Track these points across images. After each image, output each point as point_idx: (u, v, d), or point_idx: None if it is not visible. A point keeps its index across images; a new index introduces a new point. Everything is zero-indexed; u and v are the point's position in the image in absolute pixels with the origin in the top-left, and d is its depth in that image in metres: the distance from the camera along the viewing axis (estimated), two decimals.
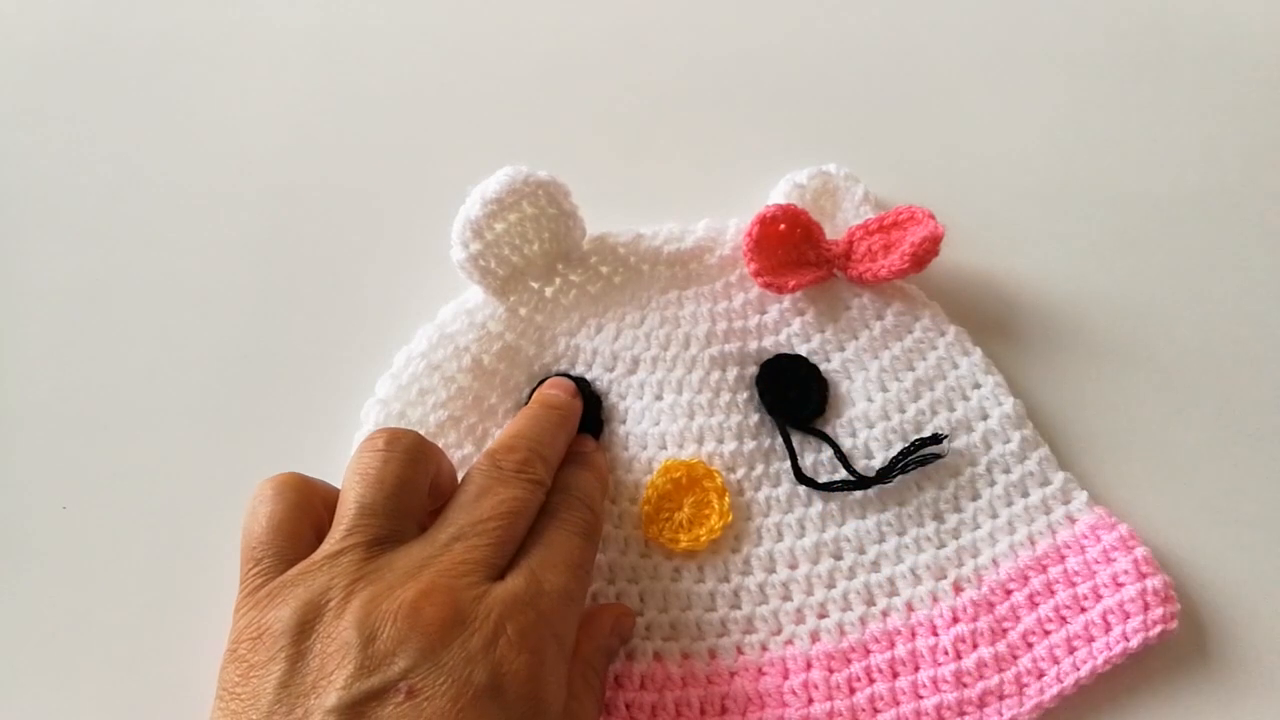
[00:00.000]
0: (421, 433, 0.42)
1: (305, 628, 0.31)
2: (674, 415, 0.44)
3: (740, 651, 0.41)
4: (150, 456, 0.46)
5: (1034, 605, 0.41)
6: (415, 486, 0.36)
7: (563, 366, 0.45)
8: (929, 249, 0.44)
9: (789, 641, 0.42)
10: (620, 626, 0.40)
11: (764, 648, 0.42)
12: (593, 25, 0.54)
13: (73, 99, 0.53)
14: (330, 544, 0.34)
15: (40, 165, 0.52)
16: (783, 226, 0.45)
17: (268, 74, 0.53)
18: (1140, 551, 0.41)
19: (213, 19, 0.55)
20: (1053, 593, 0.41)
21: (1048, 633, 0.41)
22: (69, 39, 0.54)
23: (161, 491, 0.45)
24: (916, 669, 0.41)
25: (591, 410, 0.44)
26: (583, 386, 0.44)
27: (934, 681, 0.40)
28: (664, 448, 0.44)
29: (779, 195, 0.47)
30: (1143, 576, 0.41)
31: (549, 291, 0.46)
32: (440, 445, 0.42)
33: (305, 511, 0.35)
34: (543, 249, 0.45)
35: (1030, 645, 0.41)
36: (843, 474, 0.43)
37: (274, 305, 0.49)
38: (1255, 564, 0.43)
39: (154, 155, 0.52)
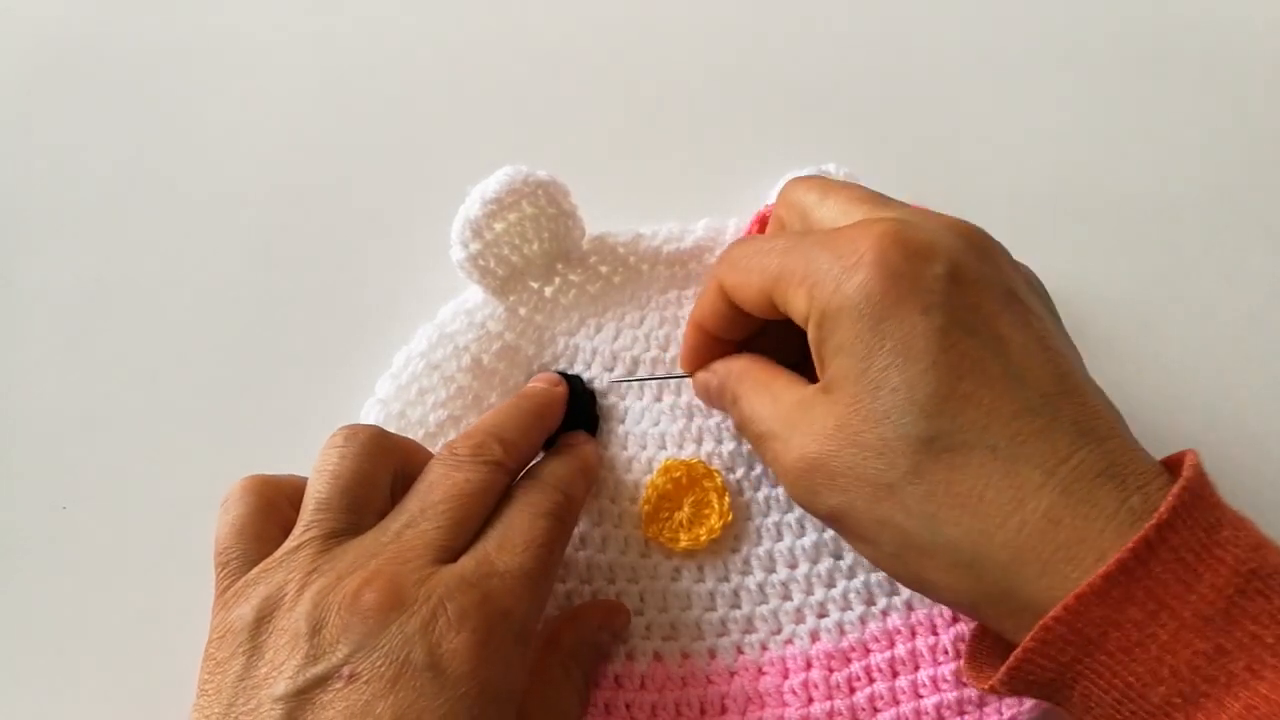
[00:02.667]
0: (421, 433, 0.42)
1: (262, 622, 0.32)
2: (674, 415, 0.44)
3: (740, 651, 0.42)
4: (150, 456, 0.46)
5: None
6: (372, 479, 0.36)
7: (562, 366, 0.45)
8: None
9: (789, 641, 0.42)
10: (612, 622, 0.40)
11: (764, 647, 0.42)
12: (593, 25, 0.54)
13: (72, 99, 0.53)
14: (289, 541, 0.35)
15: (40, 166, 0.52)
16: None
17: (267, 75, 0.53)
18: None
19: (212, 20, 0.54)
20: None
21: None
22: (69, 40, 0.54)
23: (161, 491, 0.45)
24: (916, 668, 0.41)
25: (586, 406, 0.44)
26: (576, 383, 0.44)
27: (934, 680, 0.41)
28: (664, 447, 0.44)
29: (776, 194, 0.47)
30: None
31: (548, 291, 0.46)
32: (440, 444, 0.42)
33: (269, 513, 0.36)
34: (542, 249, 0.45)
35: None
36: None
37: (273, 305, 0.49)
38: None
39: (154, 156, 0.52)
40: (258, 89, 0.53)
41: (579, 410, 0.44)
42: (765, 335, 0.40)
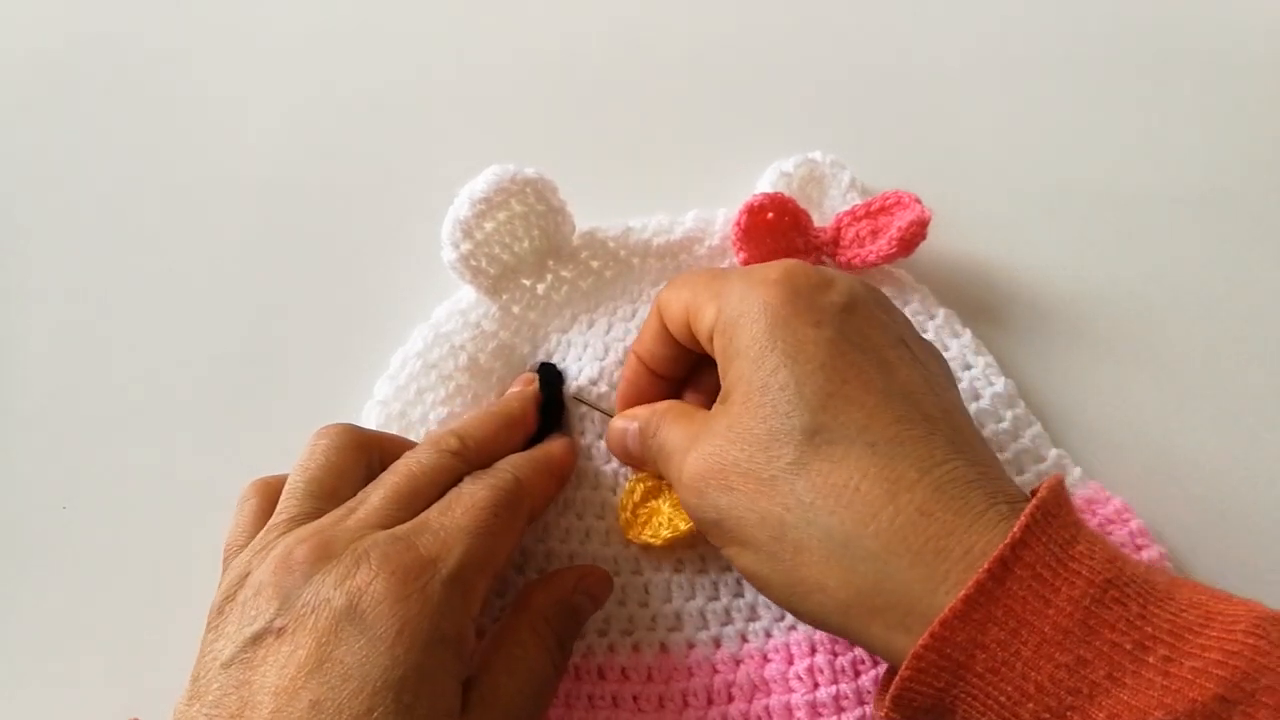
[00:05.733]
0: (423, 431, 0.43)
1: (227, 602, 0.34)
2: None
3: (745, 639, 0.42)
4: (150, 457, 0.46)
5: None
6: (340, 470, 0.38)
7: (555, 361, 0.45)
8: (916, 233, 0.44)
9: (792, 627, 0.42)
10: (586, 585, 0.40)
11: (768, 634, 0.42)
12: (576, 21, 0.54)
13: (72, 99, 0.53)
14: (263, 530, 0.36)
15: (40, 165, 0.52)
16: (770, 215, 0.45)
17: (262, 76, 0.53)
18: (1135, 524, 0.42)
19: (210, 20, 0.54)
20: None
21: None
22: (68, 39, 0.54)
23: (161, 492, 0.46)
24: None
25: (556, 391, 0.44)
26: (547, 371, 0.44)
27: None
28: None
29: (766, 184, 0.47)
30: (1139, 549, 0.41)
31: (540, 289, 0.46)
32: None
33: (266, 512, 0.38)
34: (533, 246, 0.45)
35: None
36: None
37: (270, 309, 0.49)
38: (1248, 546, 0.44)
39: (152, 157, 0.52)
40: (251, 91, 0.53)
41: (551, 397, 0.44)
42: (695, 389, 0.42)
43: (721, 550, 0.36)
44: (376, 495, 0.36)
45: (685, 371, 0.42)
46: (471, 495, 0.37)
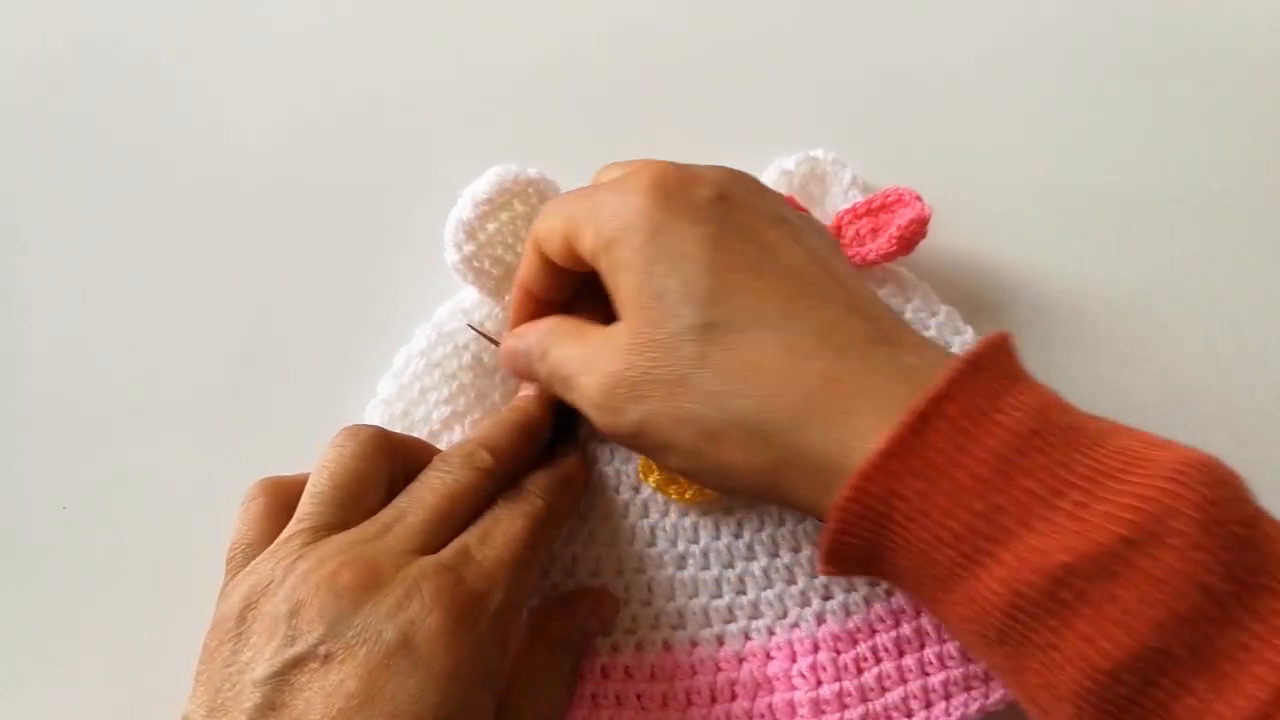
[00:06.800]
0: (426, 430, 0.43)
1: (248, 610, 0.33)
2: None
3: (748, 636, 0.42)
4: (150, 457, 0.46)
5: None
6: (367, 477, 0.37)
7: None
8: (917, 231, 0.44)
9: (795, 625, 0.42)
10: (599, 609, 0.41)
11: (771, 631, 0.42)
12: (576, 21, 0.54)
13: (72, 99, 0.53)
14: (282, 534, 0.35)
15: (40, 165, 0.52)
16: None
17: (262, 76, 0.53)
18: None
19: (210, 20, 0.54)
20: None
21: None
22: (68, 39, 0.54)
23: (162, 492, 0.46)
24: (922, 646, 0.41)
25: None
26: None
27: (939, 658, 0.41)
28: None
29: (767, 181, 0.47)
30: None
31: None
32: (445, 441, 0.43)
33: (278, 512, 0.37)
34: None
35: None
36: None
37: (272, 307, 0.49)
38: None
39: (153, 157, 0.52)
40: (253, 90, 0.53)
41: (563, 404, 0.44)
42: (581, 303, 0.42)
43: (646, 455, 0.36)
44: (415, 515, 0.36)
45: (572, 292, 0.41)
46: (510, 525, 0.36)
